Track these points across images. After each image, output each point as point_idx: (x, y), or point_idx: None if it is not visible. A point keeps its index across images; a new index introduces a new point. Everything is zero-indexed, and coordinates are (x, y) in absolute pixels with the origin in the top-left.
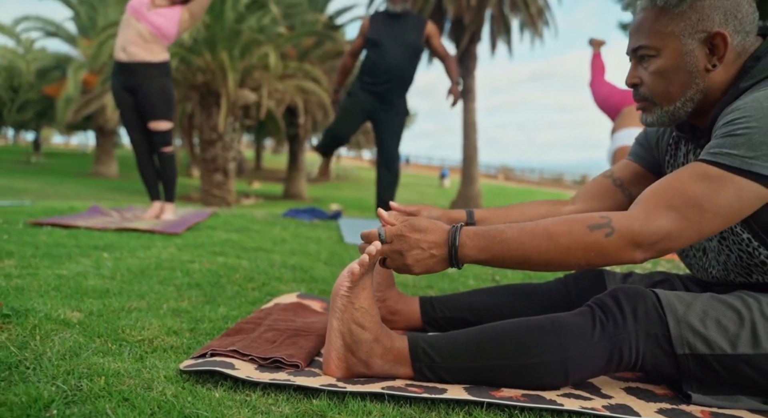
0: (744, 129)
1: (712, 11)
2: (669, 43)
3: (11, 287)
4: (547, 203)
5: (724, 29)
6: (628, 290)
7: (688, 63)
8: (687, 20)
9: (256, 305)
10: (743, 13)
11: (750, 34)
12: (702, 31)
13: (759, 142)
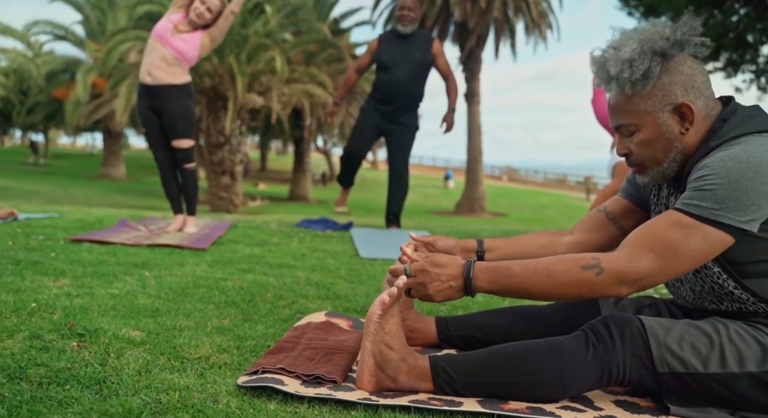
0: (711, 185)
1: (673, 86)
2: (645, 119)
3: (76, 306)
4: (549, 234)
5: (686, 99)
6: (617, 317)
7: (665, 132)
8: (654, 98)
9: (288, 322)
10: (698, 81)
11: (710, 98)
12: (669, 104)
13: (723, 196)
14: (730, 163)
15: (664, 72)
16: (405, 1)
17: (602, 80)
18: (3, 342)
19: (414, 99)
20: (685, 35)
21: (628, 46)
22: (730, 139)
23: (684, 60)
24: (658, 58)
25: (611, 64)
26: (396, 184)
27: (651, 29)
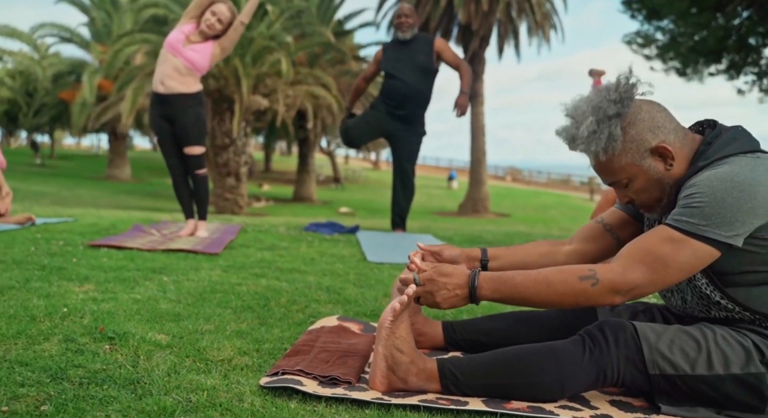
0: (699, 203)
1: (641, 134)
2: (632, 170)
3: (103, 311)
4: (548, 243)
5: (658, 141)
6: (612, 323)
7: (653, 174)
8: (630, 151)
9: (302, 326)
10: (660, 120)
11: (678, 129)
12: (645, 150)
13: (710, 213)
14: (716, 183)
15: (627, 127)
16: (402, 9)
17: (577, 150)
18: (41, 345)
19: (422, 102)
20: (628, 90)
21: (586, 120)
22: (716, 160)
23: (639, 107)
24: (614, 120)
25: (579, 140)
26: (402, 188)
27: (598, 97)
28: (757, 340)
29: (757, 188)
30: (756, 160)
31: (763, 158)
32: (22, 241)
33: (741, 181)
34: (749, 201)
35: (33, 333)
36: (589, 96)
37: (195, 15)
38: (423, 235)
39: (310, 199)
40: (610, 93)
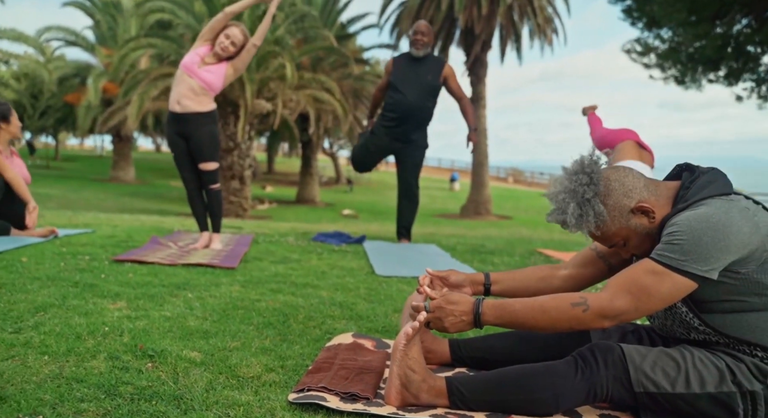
0: (678, 240)
1: (619, 201)
2: (622, 232)
3: (138, 329)
4: (547, 268)
5: (635, 202)
6: (602, 346)
7: (641, 230)
8: (615, 218)
9: (320, 342)
10: (629, 182)
11: (648, 183)
12: (629, 213)
13: (688, 250)
14: (694, 223)
15: (605, 199)
16: (420, 27)
17: (572, 232)
18: (90, 362)
19: (423, 119)
20: (593, 168)
21: (569, 207)
22: (694, 202)
23: (608, 178)
24: (593, 200)
25: (570, 225)
26: (407, 200)
27: (571, 182)
28: (729, 362)
29: (730, 228)
30: (729, 203)
31: (735, 200)
32: (50, 256)
33: (716, 222)
34: (723, 240)
35: (81, 351)
36: (563, 182)
37: (209, 38)
38: (428, 244)
39: (313, 202)
40: (580, 177)
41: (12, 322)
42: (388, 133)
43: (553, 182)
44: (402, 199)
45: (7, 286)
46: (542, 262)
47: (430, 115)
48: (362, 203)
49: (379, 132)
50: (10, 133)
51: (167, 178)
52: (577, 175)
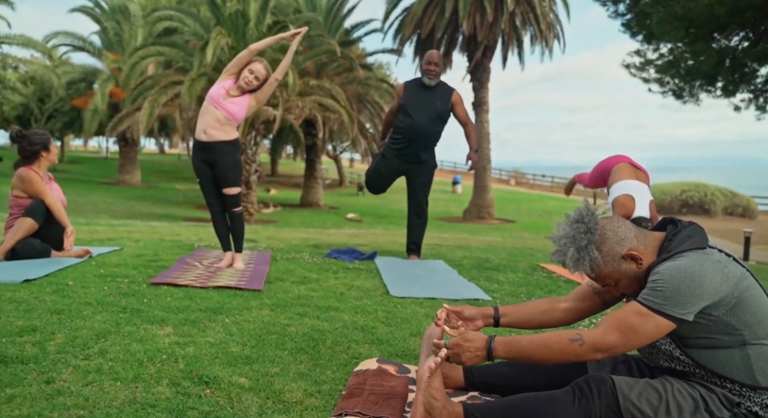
0: (660, 287)
1: (612, 248)
2: (614, 275)
3: (189, 355)
4: (549, 301)
5: (625, 249)
6: (596, 378)
7: (630, 273)
8: (608, 262)
9: (347, 367)
10: (622, 232)
11: (638, 234)
12: (620, 258)
13: (668, 296)
14: (674, 273)
15: (600, 246)
16: (432, 57)
17: (571, 271)
18: (156, 388)
19: (431, 141)
20: (590, 218)
21: (569, 251)
22: (675, 254)
23: (603, 228)
24: (590, 246)
25: (570, 266)
26: (417, 217)
27: (572, 230)
28: (703, 392)
29: (703, 279)
30: (704, 256)
31: (710, 254)
32: (92, 278)
33: (692, 273)
34: (698, 288)
35: (146, 377)
36: (565, 228)
37: (234, 72)
38: (436, 261)
39: (318, 205)
40: (579, 226)
41: (80, 349)
42: (397, 154)
43: (557, 226)
44: (412, 217)
45: (65, 311)
46: (544, 278)
47: (438, 137)
48: (366, 207)
49: (389, 154)
50: (50, 160)
51: (172, 180)
52: (577, 223)
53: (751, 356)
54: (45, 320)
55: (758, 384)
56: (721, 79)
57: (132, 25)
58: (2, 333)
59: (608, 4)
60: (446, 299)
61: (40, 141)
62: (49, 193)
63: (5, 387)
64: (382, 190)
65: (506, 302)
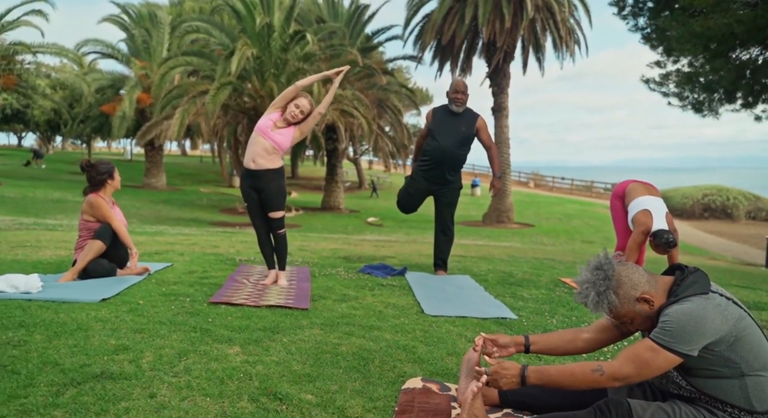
0: (669, 327)
1: (627, 292)
2: (629, 314)
3: (260, 374)
4: (573, 331)
5: (639, 293)
6: (614, 401)
7: (643, 313)
8: (625, 304)
9: (395, 384)
10: (636, 277)
11: (650, 278)
12: (635, 301)
13: (676, 335)
14: (680, 316)
15: (617, 290)
16: (458, 86)
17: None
18: (239, 403)
19: (456, 163)
20: (609, 266)
21: (590, 295)
22: (682, 298)
23: (620, 274)
24: (608, 291)
25: (591, 308)
26: (443, 235)
27: (593, 276)
28: (707, 415)
29: (705, 320)
30: (706, 301)
31: (712, 298)
32: (158, 297)
33: (696, 316)
34: (701, 329)
35: (229, 393)
36: (586, 275)
37: (281, 106)
38: (463, 276)
39: (338, 209)
40: (598, 272)
41: (168, 366)
42: (425, 176)
43: (580, 270)
44: (438, 234)
45: (145, 330)
46: (566, 294)
47: (463, 160)
48: (385, 210)
49: (418, 176)
50: (114, 186)
51: (195, 183)
52: (597, 270)
53: (748, 385)
54: (131, 338)
55: (754, 409)
56: (740, 93)
57: (159, 32)
58: (101, 351)
59: (628, 18)
60: (476, 318)
61: (106, 170)
62: (115, 218)
63: (120, 400)
64: (413, 209)
65: (532, 321)
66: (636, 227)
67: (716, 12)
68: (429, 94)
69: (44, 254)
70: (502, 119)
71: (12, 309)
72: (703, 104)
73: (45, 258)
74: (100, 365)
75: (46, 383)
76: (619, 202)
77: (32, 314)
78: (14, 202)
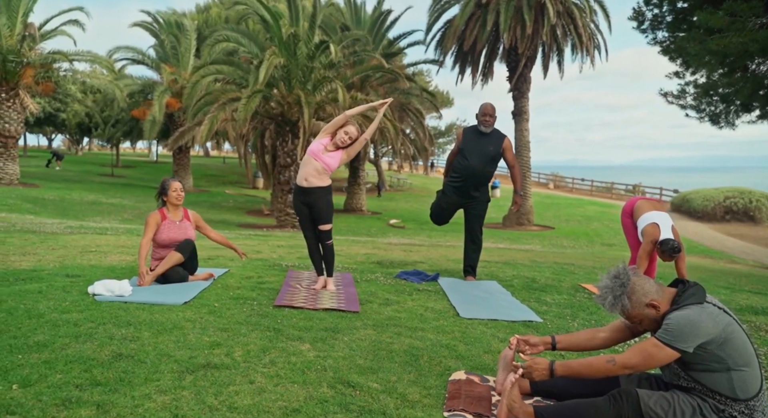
0: (671, 329)
1: (639, 299)
2: (639, 317)
3: (332, 367)
4: (592, 331)
5: (649, 300)
6: (626, 390)
7: (651, 316)
8: (636, 308)
9: (443, 377)
10: (647, 287)
11: (659, 288)
12: (644, 306)
13: (676, 335)
14: (680, 320)
15: (630, 296)
16: (487, 109)
17: (609, 312)
18: (321, 389)
19: (484, 179)
20: (625, 275)
21: (607, 298)
22: (682, 306)
23: (634, 284)
24: (623, 296)
25: (608, 308)
26: (472, 244)
27: (612, 282)
28: (699, 402)
29: (700, 324)
30: (702, 309)
31: (706, 307)
32: (228, 301)
33: (692, 320)
34: (696, 330)
35: (312, 381)
36: (606, 282)
37: (331, 132)
38: (490, 282)
39: (361, 211)
40: (617, 280)
41: (256, 360)
42: (455, 191)
43: (601, 278)
44: (468, 243)
45: (229, 330)
46: (586, 299)
47: (490, 177)
48: (406, 212)
49: (448, 191)
50: (170, 202)
51: (220, 185)
52: (615, 278)
53: (733, 378)
54: (219, 336)
55: (738, 397)
56: (757, 106)
57: (186, 39)
58: (200, 346)
59: (647, 32)
60: (506, 321)
61: (161, 188)
62: (146, 236)
63: (227, 385)
64: (445, 221)
65: (555, 323)
66: (645, 238)
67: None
68: (450, 97)
69: (113, 259)
70: (522, 123)
71: (116, 310)
72: (720, 116)
73: (116, 263)
74: (203, 357)
75: (168, 370)
76: (629, 220)
77: (133, 314)
78: (54, 204)
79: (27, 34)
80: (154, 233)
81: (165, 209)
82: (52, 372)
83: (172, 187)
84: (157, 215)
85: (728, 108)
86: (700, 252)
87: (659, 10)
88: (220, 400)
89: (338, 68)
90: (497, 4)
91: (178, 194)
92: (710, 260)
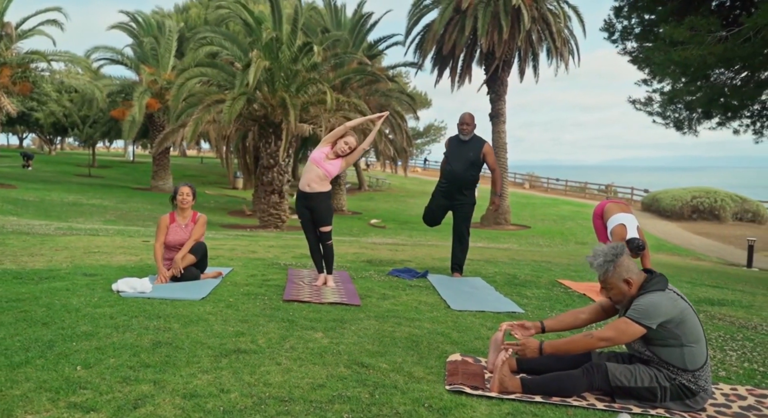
0: (638, 309)
1: (620, 273)
2: (613, 285)
3: (345, 351)
4: (574, 313)
5: (627, 276)
6: (597, 364)
7: (623, 290)
8: (615, 277)
9: (441, 358)
10: (631, 267)
11: (638, 271)
12: (621, 280)
13: (642, 314)
14: (646, 302)
15: (617, 267)
16: (465, 119)
17: (592, 269)
18: (338, 368)
19: (467, 183)
20: (619, 250)
21: (598, 259)
22: (648, 291)
23: (623, 259)
24: (611, 262)
25: (594, 266)
26: (459, 243)
27: (608, 249)
28: (655, 372)
29: (660, 306)
30: (664, 294)
31: (667, 293)
32: (241, 297)
33: (656, 303)
34: (658, 311)
35: (329, 362)
36: (604, 249)
37: (331, 142)
38: (475, 278)
39: (341, 211)
40: (612, 250)
41: (278, 346)
42: (442, 194)
43: (601, 247)
44: (455, 243)
45: (249, 321)
46: (562, 293)
47: (473, 180)
48: (386, 212)
49: (437, 194)
50: (179, 206)
51: (200, 185)
52: (611, 248)
53: (685, 352)
54: (241, 327)
55: (688, 368)
56: (716, 113)
57: (167, 40)
58: (226, 335)
59: (617, 42)
60: (492, 312)
61: (174, 192)
62: (159, 240)
63: (259, 366)
64: (437, 223)
65: (536, 314)
66: (614, 237)
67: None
68: (428, 98)
69: (119, 259)
70: (499, 125)
71: (142, 304)
72: (684, 122)
73: (124, 263)
74: (231, 344)
75: (205, 355)
76: (599, 221)
77: (158, 308)
78: (35, 205)
79: (4, 34)
80: (165, 236)
81: (176, 212)
82: (106, 357)
83: (180, 191)
84: (166, 219)
85: (691, 115)
86: (668, 250)
87: (628, 22)
88: (255, 378)
89: (320, 71)
90: (475, 9)
91: (183, 198)
92: (677, 258)
